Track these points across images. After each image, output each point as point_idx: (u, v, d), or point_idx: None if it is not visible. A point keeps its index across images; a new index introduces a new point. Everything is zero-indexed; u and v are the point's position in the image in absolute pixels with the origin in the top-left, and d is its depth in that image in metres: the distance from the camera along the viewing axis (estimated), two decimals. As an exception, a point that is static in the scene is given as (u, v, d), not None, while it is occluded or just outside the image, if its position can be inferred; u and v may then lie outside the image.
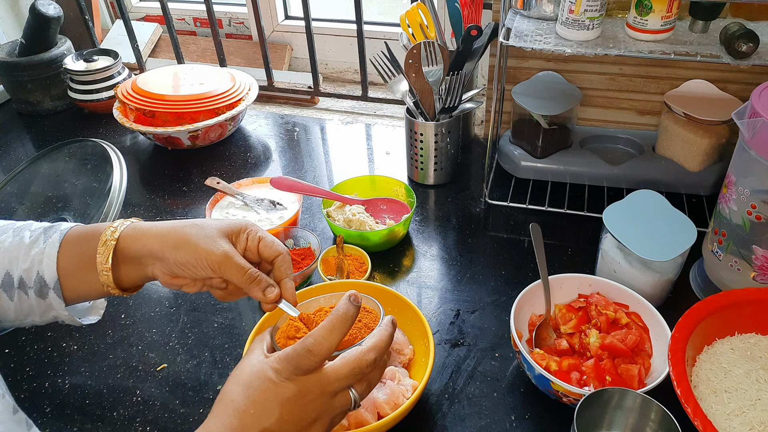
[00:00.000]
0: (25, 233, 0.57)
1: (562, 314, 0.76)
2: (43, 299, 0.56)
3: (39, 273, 0.55)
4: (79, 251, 0.56)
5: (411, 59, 0.98)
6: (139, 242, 0.56)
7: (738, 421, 0.61)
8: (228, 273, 0.55)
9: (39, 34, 1.33)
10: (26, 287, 0.55)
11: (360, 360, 0.51)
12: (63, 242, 0.56)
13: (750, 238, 0.72)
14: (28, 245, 0.56)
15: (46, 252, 0.55)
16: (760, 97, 0.68)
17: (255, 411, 0.48)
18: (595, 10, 0.79)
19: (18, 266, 0.55)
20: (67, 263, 0.56)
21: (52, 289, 0.55)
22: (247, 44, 1.58)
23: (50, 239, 0.56)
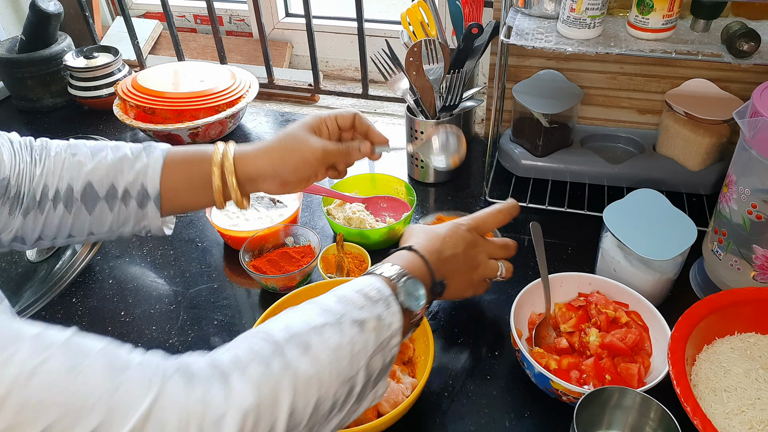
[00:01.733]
0: (125, 149, 0.62)
1: (562, 313, 0.76)
2: (142, 209, 0.62)
3: (143, 185, 0.61)
4: (187, 171, 0.63)
5: (412, 57, 0.98)
6: (250, 165, 0.64)
7: (737, 420, 0.61)
8: (332, 159, 0.67)
9: (39, 30, 1.32)
10: (129, 197, 0.61)
11: (508, 246, 0.73)
12: (167, 160, 0.63)
13: (750, 238, 0.72)
14: (132, 159, 0.62)
15: (150, 166, 0.62)
16: (761, 96, 0.68)
17: (450, 240, 0.65)
18: (597, 8, 0.78)
19: (123, 178, 0.61)
20: (173, 180, 0.63)
21: (152, 200, 0.62)
22: (247, 41, 1.58)
23: (153, 155, 0.62)
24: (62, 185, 0.60)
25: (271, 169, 0.64)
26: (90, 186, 0.61)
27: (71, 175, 0.60)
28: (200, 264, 0.93)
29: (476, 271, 0.69)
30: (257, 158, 0.64)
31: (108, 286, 0.90)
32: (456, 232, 0.66)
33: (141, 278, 0.91)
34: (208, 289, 0.89)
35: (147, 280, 0.91)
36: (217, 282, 0.90)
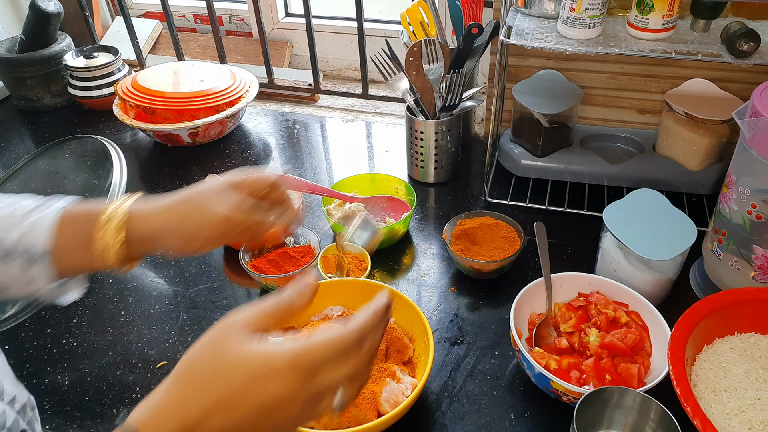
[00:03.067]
0: (19, 205, 0.56)
1: (562, 313, 0.76)
2: (26, 272, 0.54)
3: (30, 244, 0.54)
4: (77, 229, 0.56)
5: (411, 57, 0.98)
6: (143, 225, 0.57)
7: (737, 420, 0.61)
8: (237, 229, 0.59)
9: (39, 30, 1.32)
10: (14, 256, 0.54)
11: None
12: (62, 218, 0.55)
13: (750, 238, 0.72)
14: (21, 216, 0.55)
15: (37, 225, 0.54)
16: (761, 96, 0.68)
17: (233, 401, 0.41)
18: (597, 8, 0.78)
19: (9, 236, 0.54)
20: (65, 240, 0.55)
21: (38, 261, 0.54)
22: (247, 41, 1.58)
23: (46, 212, 0.55)
24: None
25: (172, 227, 0.57)
26: None
27: None
28: (200, 264, 0.93)
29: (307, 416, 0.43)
30: (155, 215, 0.57)
31: (108, 285, 0.90)
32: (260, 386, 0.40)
33: (141, 278, 0.91)
34: (208, 288, 0.89)
35: (147, 280, 0.91)
36: (217, 282, 0.90)
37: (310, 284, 0.47)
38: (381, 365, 0.69)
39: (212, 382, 0.41)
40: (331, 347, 0.42)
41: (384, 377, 0.67)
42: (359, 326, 0.43)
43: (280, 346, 0.41)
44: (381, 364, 0.70)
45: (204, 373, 0.41)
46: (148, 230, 0.57)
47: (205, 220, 0.57)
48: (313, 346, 0.41)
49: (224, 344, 0.42)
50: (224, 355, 0.41)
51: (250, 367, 0.40)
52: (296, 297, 0.46)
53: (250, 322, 0.43)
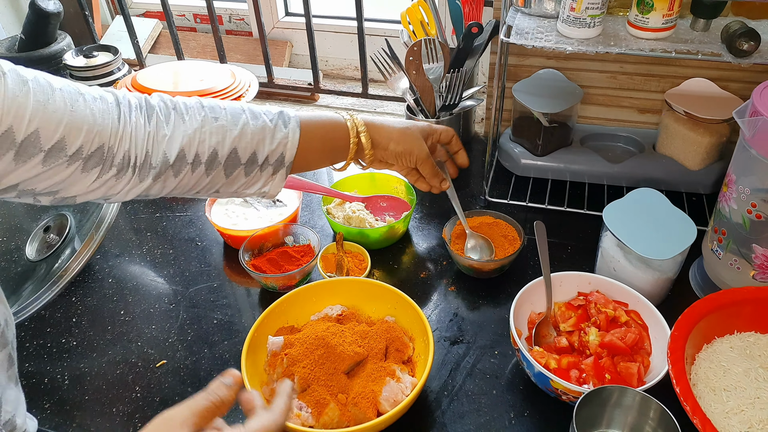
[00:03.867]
0: (263, 117, 0.64)
1: (562, 312, 0.76)
2: (274, 175, 0.66)
3: (282, 154, 0.65)
4: (323, 139, 0.69)
5: (411, 56, 0.98)
6: (370, 133, 0.71)
7: (737, 419, 0.61)
8: (424, 168, 0.76)
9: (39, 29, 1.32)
10: (267, 165, 0.65)
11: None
12: (302, 130, 0.66)
13: (750, 237, 0.72)
14: (272, 128, 0.64)
15: (289, 137, 0.65)
16: (761, 95, 0.68)
17: None
18: (597, 7, 0.78)
19: (265, 147, 0.64)
20: (308, 149, 0.67)
21: (286, 167, 0.66)
22: (247, 41, 1.58)
23: (290, 125, 0.65)
24: (204, 149, 0.61)
25: (385, 144, 0.72)
26: (235, 152, 0.62)
27: (216, 140, 0.61)
28: (200, 263, 0.93)
29: None
30: (378, 130, 0.72)
31: (108, 285, 0.90)
32: None
33: (141, 277, 0.91)
34: (207, 288, 0.89)
35: (147, 279, 0.91)
36: (217, 281, 0.90)
37: (235, 377, 0.51)
38: (381, 364, 0.69)
39: None
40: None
41: (384, 376, 0.67)
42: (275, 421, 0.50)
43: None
44: (381, 363, 0.70)
45: None
46: (380, 143, 0.72)
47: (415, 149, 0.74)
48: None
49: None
50: None
51: None
52: (225, 391, 0.50)
53: (186, 422, 0.46)
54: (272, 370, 0.70)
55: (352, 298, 0.79)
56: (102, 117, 0.55)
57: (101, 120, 0.54)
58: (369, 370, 0.68)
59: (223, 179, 0.64)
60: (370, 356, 0.70)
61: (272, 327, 0.75)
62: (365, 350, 0.71)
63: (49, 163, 0.51)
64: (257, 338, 0.71)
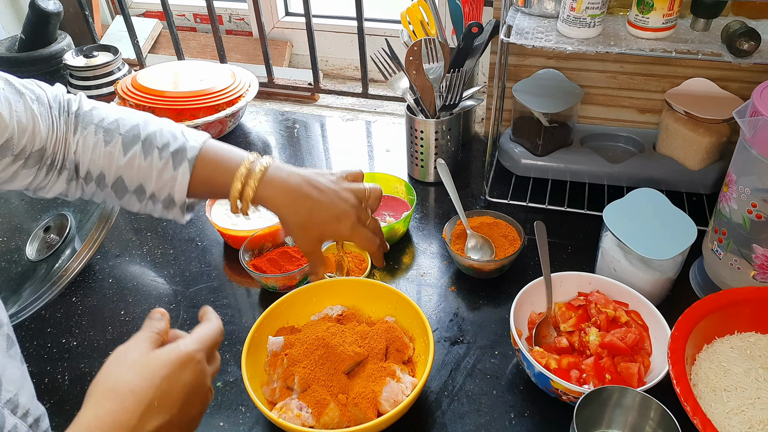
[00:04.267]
0: (154, 153, 0.62)
1: (562, 312, 0.76)
2: (168, 210, 0.65)
3: (170, 194, 0.63)
4: (211, 178, 0.64)
5: (412, 56, 0.98)
6: (270, 200, 0.64)
7: (737, 419, 0.61)
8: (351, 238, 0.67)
9: (39, 29, 1.32)
10: (156, 200, 0.64)
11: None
12: (194, 170, 0.63)
13: (750, 237, 0.72)
14: (159, 168, 0.62)
15: (177, 180, 0.62)
16: (761, 95, 0.68)
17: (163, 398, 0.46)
18: (597, 7, 0.78)
19: (151, 185, 0.63)
20: (198, 186, 0.63)
21: (178, 206, 0.64)
22: (247, 41, 1.58)
23: (180, 167, 0.62)
24: (94, 170, 0.62)
25: (291, 211, 0.64)
26: (121, 180, 0.62)
27: (103, 164, 0.62)
28: (200, 263, 0.93)
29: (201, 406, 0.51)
30: (280, 193, 0.64)
31: (108, 285, 0.90)
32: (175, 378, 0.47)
33: (141, 277, 0.91)
34: (208, 288, 0.89)
35: (147, 280, 0.91)
36: (217, 281, 0.90)
37: (160, 311, 0.54)
38: (381, 364, 0.69)
39: (138, 391, 0.45)
40: (215, 334, 0.54)
41: (384, 376, 0.67)
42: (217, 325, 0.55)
43: (181, 342, 0.50)
44: (381, 363, 0.70)
45: (126, 385, 0.46)
46: (271, 201, 0.64)
47: (324, 218, 0.64)
48: (206, 335, 0.52)
49: (133, 358, 0.48)
50: (137, 364, 0.47)
51: (166, 367, 0.47)
52: (158, 323, 0.53)
53: (139, 346, 0.49)
54: (272, 370, 0.70)
55: (352, 299, 0.79)
56: (42, 119, 0.59)
57: (41, 122, 0.59)
58: (369, 370, 0.68)
59: (117, 200, 0.64)
60: (371, 356, 0.70)
61: (272, 327, 0.75)
62: (365, 350, 0.71)
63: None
64: (257, 338, 0.71)
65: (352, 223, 0.66)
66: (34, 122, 0.58)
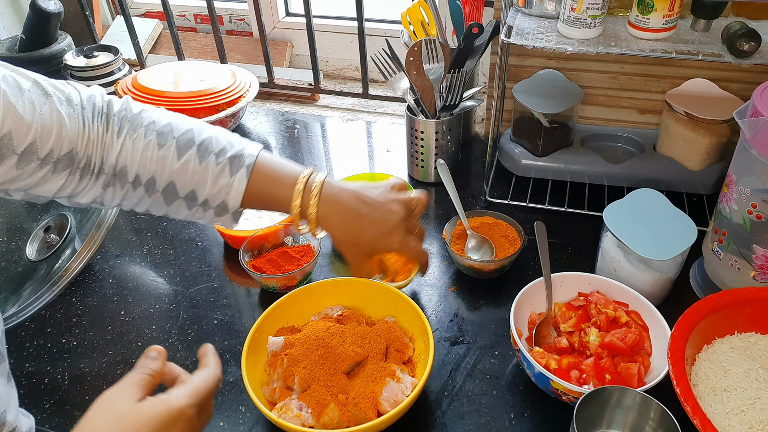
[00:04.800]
0: (210, 157, 0.61)
1: (562, 312, 0.76)
2: (219, 217, 0.63)
3: (224, 201, 0.62)
4: (266, 189, 0.62)
5: (412, 57, 0.98)
6: (325, 222, 0.63)
7: (737, 419, 0.61)
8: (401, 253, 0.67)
9: (39, 29, 1.32)
10: (208, 206, 0.62)
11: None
12: (251, 179, 0.61)
13: (750, 238, 0.72)
14: (215, 174, 0.61)
15: (234, 186, 0.61)
16: (761, 96, 0.68)
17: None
18: (597, 8, 0.78)
19: (205, 190, 0.61)
20: (252, 200, 0.62)
21: (231, 213, 0.63)
22: (247, 41, 1.58)
23: (237, 174, 0.61)
24: (144, 174, 0.60)
25: (343, 230, 0.64)
26: (173, 185, 0.61)
27: (155, 168, 0.60)
28: (200, 263, 0.93)
29: None
30: (334, 213, 0.63)
31: (108, 285, 0.90)
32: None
33: (141, 277, 0.91)
34: (208, 288, 0.89)
35: (147, 280, 0.91)
36: (217, 281, 0.90)
37: (157, 350, 0.54)
38: (381, 365, 0.69)
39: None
40: (211, 385, 0.53)
41: (384, 377, 0.67)
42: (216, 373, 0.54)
43: (174, 394, 0.50)
44: (381, 363, 0.70)
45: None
46: (324, 219, 0.63)
47: (374, 234, 0.64)
48: (202, 387, 0.52)
49: (119, 409, 0.47)
50: (123, 419, 0.46)
51: (153, 423, 0.47)
52: (153, 363, 0.52)
53: (128, 392, 0.49)
54: (272, 371, 0.70)
55: (352, 299, 0.79)
56: (69, 121, 0.56)
57: (69, 124, 0.56)
58: (369, 370, 0.68)
59: (165, 206, 0.63)
60: (371, 356, 0.70)
61: (272, 327, 0.75)
62: (365, 350, 0.71)
63: (22, 166, 0.53)
64: (257, 338, 0.71)
65: (401, 237, 0.65)
66: (60, 124, 0.55)
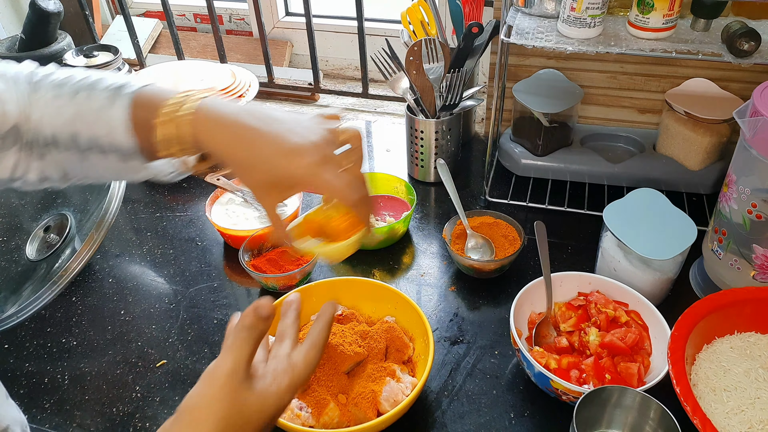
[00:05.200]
0: (96, 93, 0.53)
1: (562, 312, 0.76)
2: (126, 163, 0.54)
3: (115, 138, 0.52)
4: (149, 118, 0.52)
5: (412, 56, 0.98)
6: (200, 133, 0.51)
7: (737, 419, 0.61)
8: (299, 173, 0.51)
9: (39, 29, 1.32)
10: (107, 149, 0.53)
11: None
12: (133, 109, 0.52)
13: (750, 237, 0.72)
14: (101, 107, 0.52)
15: (116, 116, 0.52)
16: (761, 95, 0.68)
17: None
18: (597, 7, 0.78)
19: (97, 129, 0.52)
20: (140, 129, 0.52)
21: (133, 154, 0.53)
22: (247, 41, 1.58)
23: (117, 102, 0.52)
24: (49, 131, 0.53)
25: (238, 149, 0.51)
26: (76, 134, 0.53)
27: (56, 121, 0.53)
28: (200, 263, 0.93)
29: None
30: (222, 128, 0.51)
31: (108, 284, 0.90)
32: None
33: (141, 277, 0.91)
34: (207, 288, 0.89)
35: (147, 279, 0.91)
36: (217, 281, 0.90)
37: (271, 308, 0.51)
38: (381, 364, 0.69)
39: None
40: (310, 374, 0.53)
41: (384, 376, 0.67)
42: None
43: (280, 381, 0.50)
44: (381, 363, 0.70)
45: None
46: (208, 142, 0.51)
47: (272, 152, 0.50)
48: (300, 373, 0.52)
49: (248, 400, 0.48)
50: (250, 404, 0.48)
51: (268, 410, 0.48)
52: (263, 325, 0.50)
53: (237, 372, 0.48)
54: (272, 370, 0.70)
55: (352, 298, 0.79)
56: (8, 95, 0.52)
57: (7, 99, 0.52)
58: (369, 370, 0.68)
59: (79, 165, 0.55)
60: (371, 356, 0.70)
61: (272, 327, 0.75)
62: (365, 350, 0.71)
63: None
64: (257, 338, 0.71)
65: (312, 163, 0.50)
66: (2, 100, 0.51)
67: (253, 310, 0.49)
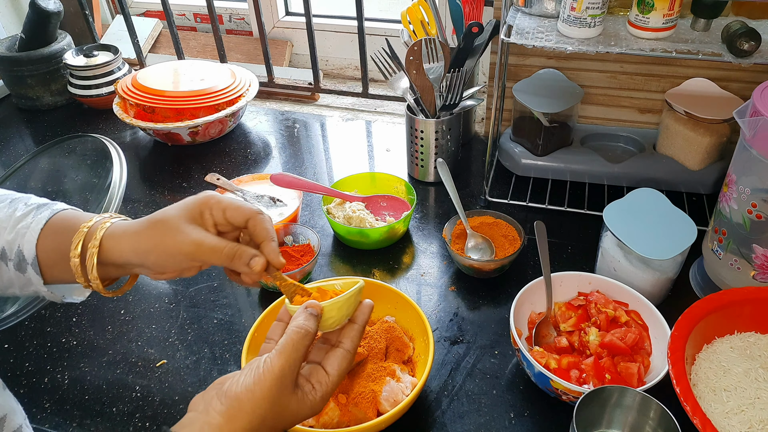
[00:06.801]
0: (19, 205, 0.56)
1: (562, 312, 0.76)
2: (22, 273, 0.55)
3: (19, 247, 0.54)
4: (60, 241, 0.54)
5: (412, 56, 0.98)
6: (116, 251, 0.54)
7: (737, 419, 0.61)
8: (205, 258, 0.54)
9: (39, 29, 1.32)
10: (7, 259, 0.54)
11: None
12: (48, 224, 0.55)
13: (750, 237, 0.72)
14: (18, 218, 0.55)
15: (30, 227, 0.54)
16: (761, 95, 0.68)
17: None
18: (597, 7, 0.78)
19: (2, 237, 0.54)
20: (48, 248, 0.54)
21: (30, 265, 0.54)
22: (247, 40, 1.58)
23: (38, 216, 0.55)
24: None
25: (138, 260, 0.55)
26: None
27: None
28: (200, 263, 0.93)
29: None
30: (122, 245, 0.54)
31: (108, 284, 0.90)
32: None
33: (141, 277, 0.91)
34: (208, 287, 0.89)
35: (147, 279, 0.91)
36: (217, 281, 0.90)
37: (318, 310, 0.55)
38: (381, 364, 0.69)
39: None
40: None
41: (384, 376, 0.67)
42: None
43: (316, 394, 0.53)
44: (381, 363, 0.70)
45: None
46: (121, 256, 0.54)
47: (176, 244, 0.54)
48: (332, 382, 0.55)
49: (289, 405, 0.51)
50: (290, 409, 0.51)
51: (301, 415, 0.52)
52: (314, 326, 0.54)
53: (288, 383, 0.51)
54: (272, 370, 0.70)
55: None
56: None
57: None
58: (369, 370, 0.68)
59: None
60: (370, 356, 0.70)
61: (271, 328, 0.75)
62: (365, 350, 0.71)
63: None
64: (257, 338, 0.71)
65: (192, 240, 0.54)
66: None
67: (304, 310, 0.54)
